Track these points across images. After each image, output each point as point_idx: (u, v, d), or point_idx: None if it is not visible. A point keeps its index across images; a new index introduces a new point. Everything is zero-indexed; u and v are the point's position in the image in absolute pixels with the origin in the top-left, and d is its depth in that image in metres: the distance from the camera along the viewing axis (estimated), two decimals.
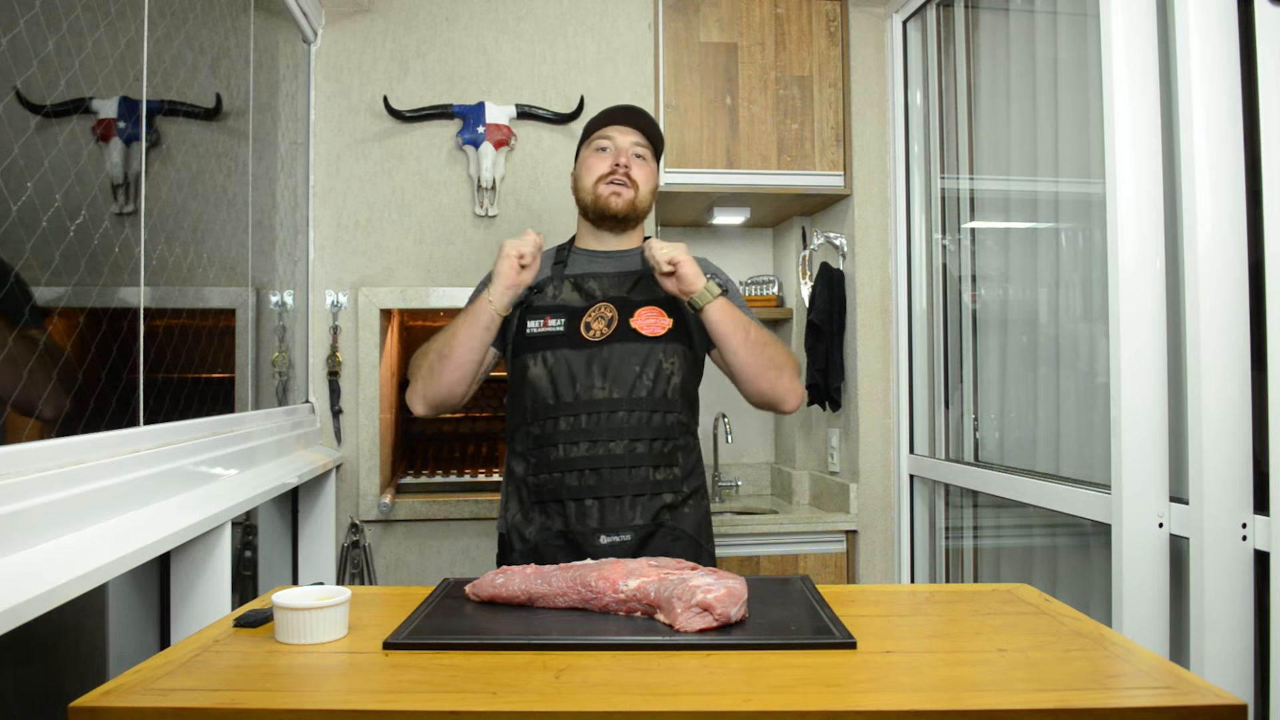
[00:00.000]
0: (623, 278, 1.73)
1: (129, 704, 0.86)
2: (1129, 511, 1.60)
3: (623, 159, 1.72)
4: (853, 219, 2.68)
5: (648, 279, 1.71)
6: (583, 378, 1.63)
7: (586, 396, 1.62)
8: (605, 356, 1.63)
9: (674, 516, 1.64)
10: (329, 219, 2.54)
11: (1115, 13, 1.63)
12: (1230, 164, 1.48)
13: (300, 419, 2.34)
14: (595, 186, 1.73)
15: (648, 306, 1.68)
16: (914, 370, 2.60)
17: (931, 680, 0.94)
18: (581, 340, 1.64)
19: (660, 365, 1.65)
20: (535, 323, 1.68)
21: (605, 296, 1.69)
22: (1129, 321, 1.61)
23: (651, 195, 1.77)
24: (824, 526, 2.60)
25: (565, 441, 1.61)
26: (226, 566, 1.54)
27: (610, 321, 1.66)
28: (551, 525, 1.62)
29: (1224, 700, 0.86)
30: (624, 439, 1.61)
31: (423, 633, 1.07)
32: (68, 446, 1.19)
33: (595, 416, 1.61)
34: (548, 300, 1.70)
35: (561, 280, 1.72)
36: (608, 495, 1.59)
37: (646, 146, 1.76)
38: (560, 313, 1.67)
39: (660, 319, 1.67)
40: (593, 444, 1.61)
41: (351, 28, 2.56)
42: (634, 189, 1.73)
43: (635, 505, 1.60)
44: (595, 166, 1.74)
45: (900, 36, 2.65)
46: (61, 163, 1.26)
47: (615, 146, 1.74)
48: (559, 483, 1.61)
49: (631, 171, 1.72)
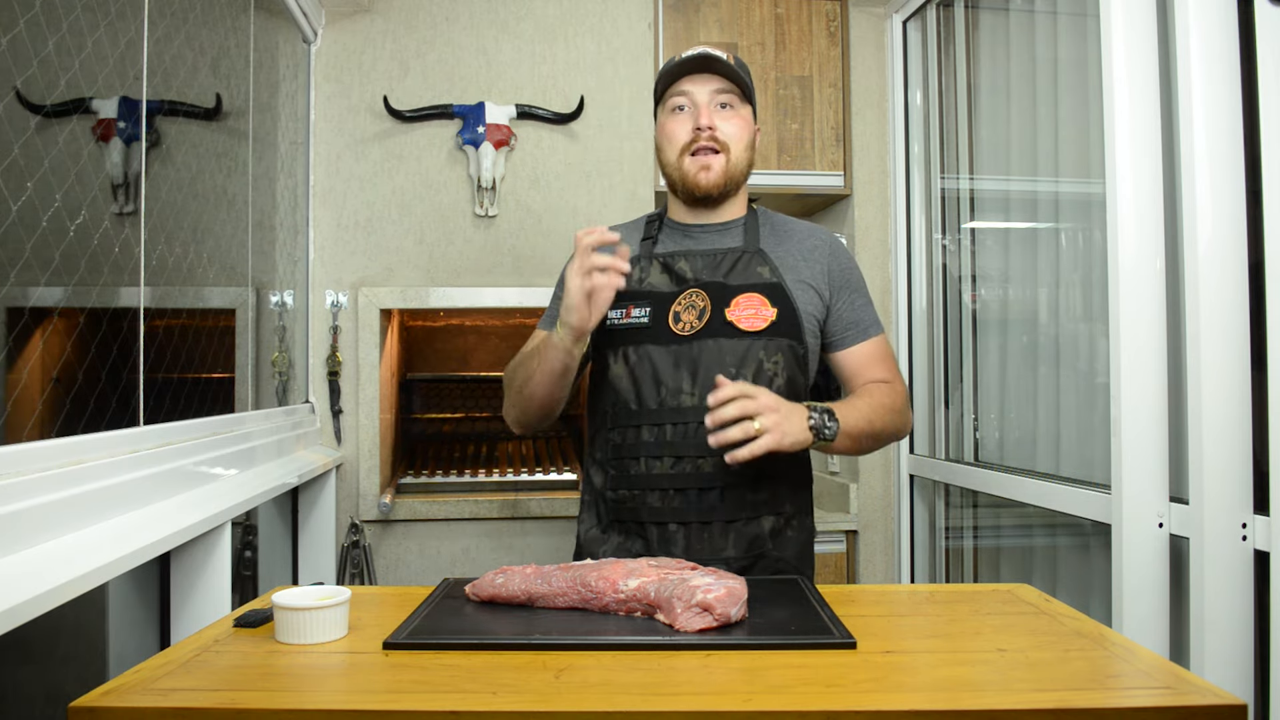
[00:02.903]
0: (720, 257, 1.47)
1: (129, 704, 0.86)
2: (1129, 511, 1.60)
3: (704, 117, 1.44)
4: (853, 219, 2.68)
5: (749, 258, 1.46)
6: (669, 380, 1.41)
7: (673, 403, 1.40)
8: (695, 355, 1.40)
9: (776, 544, 1.42)
10: (329, 219, 2.54)
11: (1115, 13, 1.63)
12: (1230, 164, 1.48)
13: (300, 419, 2.34)
14: (680, 161, 1.46)
15: (747, 294, 1.43)
16: (914, 370, 2.60)
17: (931, 680, 0.94)
18: (669, 334, 1.42)
19: (761, 365, 1.41)
20: (617, 312, 1.45)
21: (698, 281, 1.45)
22: (1129, 321, 1.61)
23: (749, 152, 1.49)
24: (824, 526, 2.60)
25: (648, 455, 1.41)
26: (226, 566, 1.54)
27: (702, 312, 1.42)
28: (630, 549, 1.44)
29: (1224, 700, 0.86)
30: (715, 454, 1.33)
31: (423, 633, 1.07)
32: (68, 446, 1.19)
33: (682, 427, 1.40)
34: (631, 284, 1.46)
35: (650, 260, 1.49)
36: (695, 520, 1.39)
37: (733, 92, 1.46)
38: (645, 300, 1.44)
39: (762, 309, 1.42)
40: (678, 460, 1.39)
41: (351, 28, 2.56)
42: (725, 154, 1.45)
43: (728, 533, 1.39)
44: (676, 133, 1.46)
45: (900, 36, 2.65)
46: (61, 163, 1.26)
47: (694, 102, 1.46)
48: (640, 502, 1.41)
49: (718, 131, 1.44)
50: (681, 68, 1.46)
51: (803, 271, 1.49)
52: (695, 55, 1.45)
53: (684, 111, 1.47)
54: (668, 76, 1.49)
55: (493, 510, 2.51)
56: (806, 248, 1.51)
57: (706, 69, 1.45)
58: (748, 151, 1.49)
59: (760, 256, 1.48)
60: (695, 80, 1.46)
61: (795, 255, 1.50)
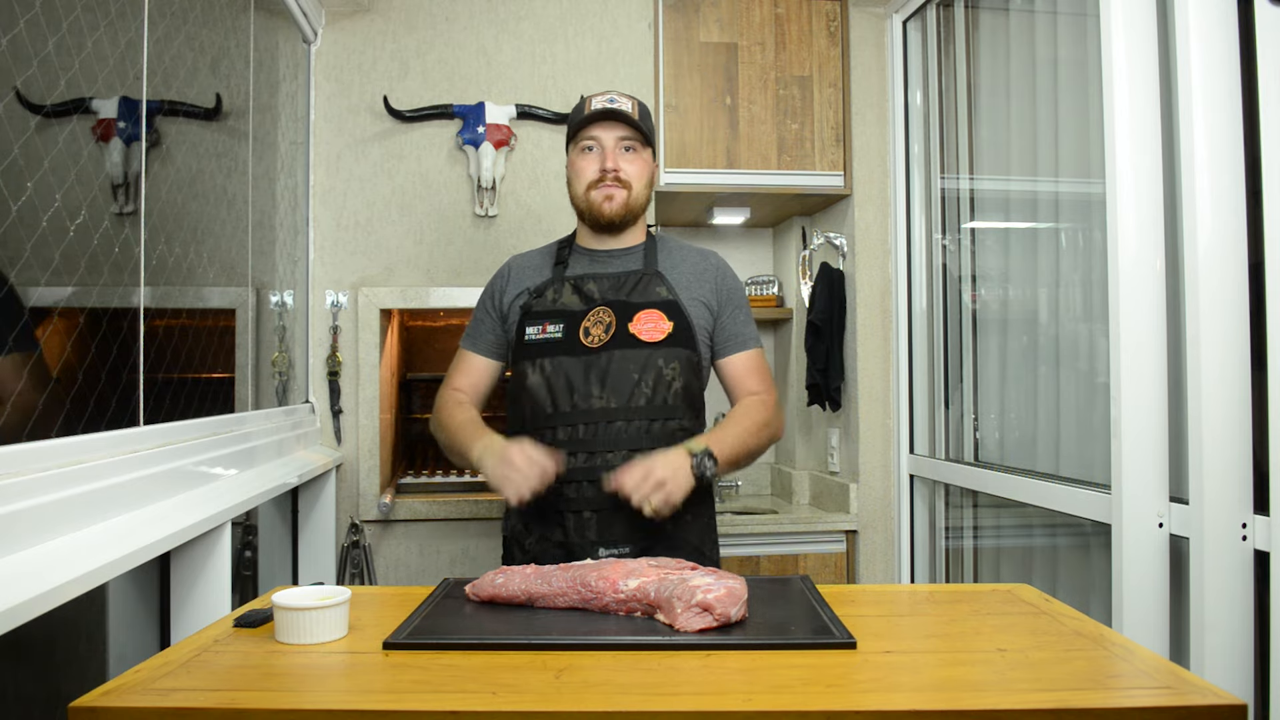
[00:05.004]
0: (622, 279, 1.67)
1: (129, 704, 0.86)
2: (1129, 511, 1.60)
3: (610, 160, 1.64)
4: (853, 219, 2.68)
5: (648, 279, 1.67)
6: (580, 386, 1.59)
7: (584, 406, 1.58)
8: (603, 364, 1.59)
9: (676, 526, 1.60)
10: (329, 219, 2.54)
11: (1115, 13, 1.63)
12: (1230, 164, 1.48)
13: (300, 419, 2.34)
14: (587, 193, 1.67)
15: (647, 310, 1.63)
16: (914, 370, 2.60)
17: (932, 680, 0.94)
18: (580, 347, 1.61)
19: (660, 371, 1.60)
20: (534, 329, 1.64)
21: (604, 300, 1.64)
22: (1129, 321, 1.61)
23: (648, 189, 1.71)
24: (824, 526, 2.60)
25: (563, 452, 1.56)
26: (226, 566, 1.54)
27: (609, 327, 1.61)
28: (550, 536, 1.60)
29: (1224, 700, 0.86)
30: (622, 449, 1.57)
31: (423, 633, 1.07)
32: (68, 446, 1.19)
33: (593, 427, 1.58)
34: (547, 304, 1.66)
35: (561, 283, 1.68)
36: (606, 507, 1.55)
37: (635, 137, 1.67)
38: (559, 318, 1.63)
39: (660, 323, 1.62)
40: (590, 455, 1.57)
41: (351, 28, 2.56)
42: (626, 189, 1.66)
43: (634, 518, 1.53)
44: (584, 170, 1.67)
45: (900, 36, 2.65)
46: (61, 163, 1.26)
47: (601, 146, 1.66)
48: (557, 494, 1.56)
49: (621, 172, 1.65)
50: (591, 117, 1.66)
51: (695, 290, 1.70)
52: (603, 109, 1.65)
53: (592, 152, 1.67)
54: (581, 120, 1.67)
55: (493, 510, 2.51)
56: (698, 269, 1.72)
57: (613, 119, 1.65)
58: (647, 189, 1.71)
59: (658, 278, 1.68)
60: (603, 127, 1.66)
61: (688, 276, 1.71)
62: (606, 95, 1.68)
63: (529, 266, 1.77)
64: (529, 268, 1.76)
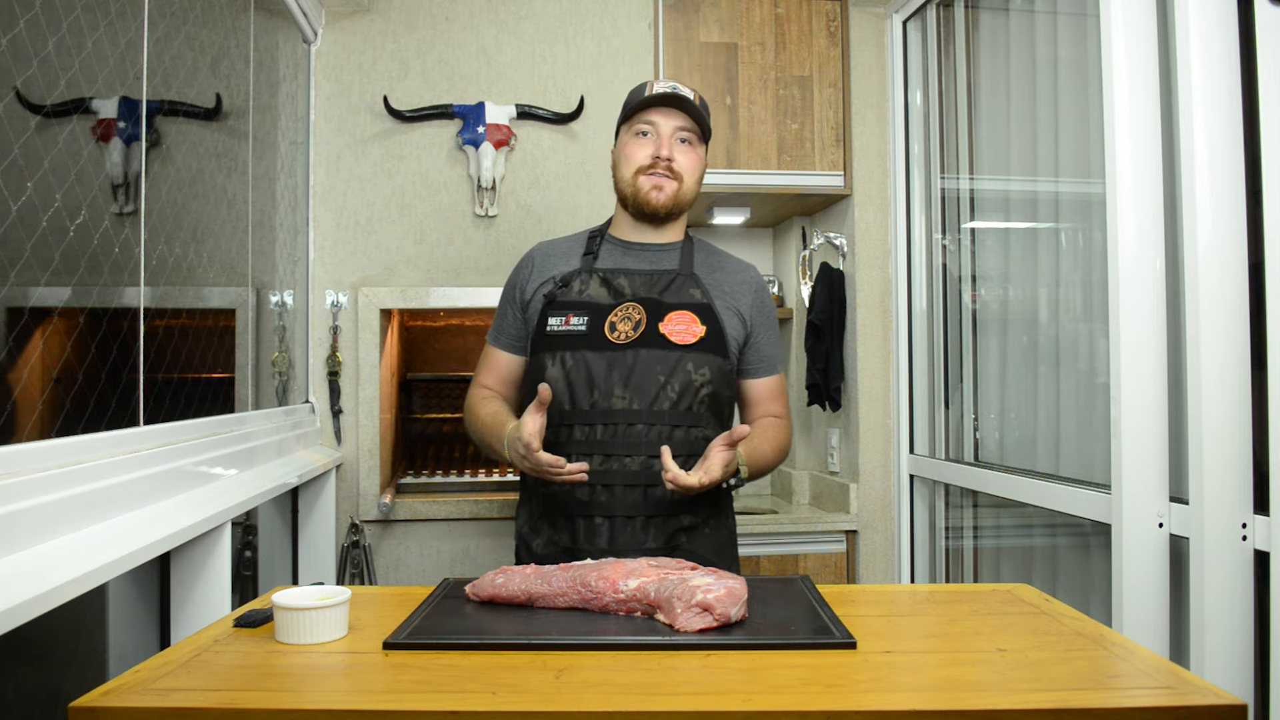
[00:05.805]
0: (656, 276, 1.59)
1: (129, 704, 0.86)
2: (1129, 511, 1.60)
3: (665, 149, 1.56)
4: (853, 219, 2.68)
5: (683, 279, 1.59)
6: (602, 384, 1.51)
7: (604, 405, 1.50)
8: (629, 362, 1.51)
9: (690, 539, 1.54)
10: (329, 219, 2.54)
11: (1115, 13, 1.63)
12: (1230, 164, 1.48)
13: (300, 419, 2.34)
14: (635, 179, 1.58)
15: (680, 310, 1.55)
16: (914, 370, 2.60)
17: (932, 680, 0.94)
18: (605, 342, 1.52)
19: (689, 376, 1.52)
20: (557, 320, 1.55)
21: (635, 296, 1.56)
22: (1129, 321, 1.61)
23: (697, 185, 1.63)
24: (824, 526, 2.60)
25: (578, 453, 1.49)
26: (226, 566, 1.54)
27: (638, 324, 1.53)
28: (558, 541, 1.54)
29: (1224, 700, 0.86)
30: (641, 454, 1.49)
31: (423, 633, 1.07)
32: (68, 446, 1.19)
33: (611, 428, 1.50)
34: (572, 295, 1.57)
35: (590, 274, 1.59)
36: (619, 514, 1.49)
37: (693, 130, 1.59)
38: (584, 310, 1.55)
39: (693, 325, 1.54)
40: (607, 458, 1.49)
41: (351, 28, 2.56)
42: (677, 181, 1.58)
43: (649, 527, 1.49)
44: (635, 155, 1.58)
45: (900, 36, 2.65)
46: (61, 163, 1.26)
47: (658, 132, 1.57)
48: (568, 496, 1.50)
49: (675, 163, 1.57)
50: (652, 100, 1.57)
51: (731, 299, 1.63)
52: (667, 92, 1.56)
53: (646, 137, 1.59)
54: (639, 103, 1.58)
55: (493, 510, 2.51)
56: (736, 280, 1.66)
57: (675, 105, 1.57)
58: (697, 185, 1.63)
59: (693, 280, 1.61)
60: (662, 113, 1.58)
61: (726, 284, 1.64)
62: (669, 82, 1.60)
63: (555, 254, 1.68)
64: (555, 255, 1.68)
